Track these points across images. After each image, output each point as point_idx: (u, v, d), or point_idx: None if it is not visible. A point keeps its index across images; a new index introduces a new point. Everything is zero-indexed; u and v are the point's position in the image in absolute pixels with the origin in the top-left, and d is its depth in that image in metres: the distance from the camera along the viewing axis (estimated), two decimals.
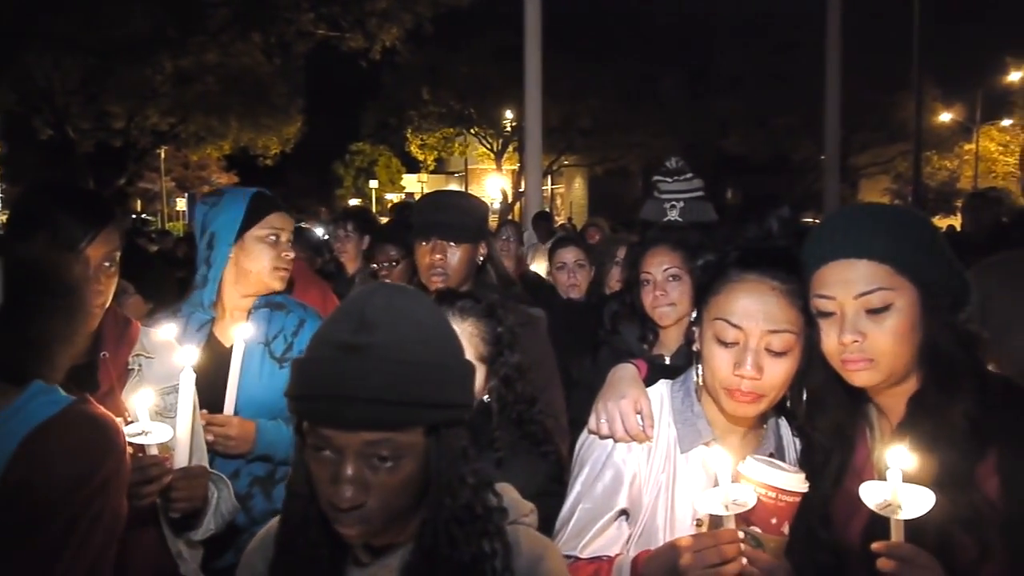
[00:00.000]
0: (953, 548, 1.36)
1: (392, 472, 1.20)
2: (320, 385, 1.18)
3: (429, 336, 1.24)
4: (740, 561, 1.36)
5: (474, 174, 37.86)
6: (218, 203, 2.43)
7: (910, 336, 1.45)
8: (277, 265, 2.43)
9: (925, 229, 1.49)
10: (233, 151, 22.92)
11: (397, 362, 1.18)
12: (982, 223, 6.79)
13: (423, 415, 1.21)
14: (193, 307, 2.44)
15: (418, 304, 1.28)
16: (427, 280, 2.60)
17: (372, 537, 1.27)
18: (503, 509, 1.34)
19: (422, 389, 1.19)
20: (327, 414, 1.18)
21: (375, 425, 1.17)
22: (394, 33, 16.91)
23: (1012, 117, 28.65)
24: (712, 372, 1.57)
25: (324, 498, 1.21)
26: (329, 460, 1.20)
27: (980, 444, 1.41)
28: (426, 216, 2.67)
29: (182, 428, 1.81)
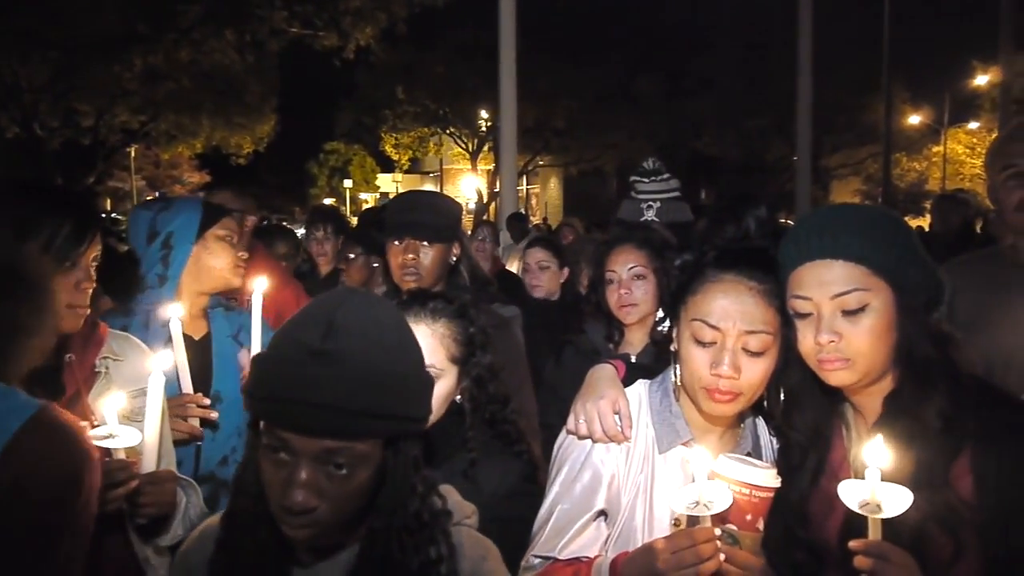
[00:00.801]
0: (928, 546, 1.38)
1: (346, 480, 1.20)
2: (284, 387, 1.17)
3: (394, 347, 1.24)
4: (718, 559, 1.37)
5: (449, 174, 37.80)
6: (169, 207, 2.51)
7: (886, 336, 1.46)
8: (237, 263, 2.55)
9: (900, 230, 1.50)
10: (205, 150, 22.65)
11: (363, 372, 1.17)
12: (950, 224, 6.93)
13: (383, 426, 1.21)
14: (150, 306, 2.45)
15: (385, 314, 1.28)
16: (400, 280, 2.59)
17: (319, 541, 1.26)
18: (448, 512, 1.35)
19: (385, 400, 1.19)
20: (289, 418, 1.17)
21: (334, 433, 1.17)
22: (368, 32, 16.80)
23: (979, 120, 29.16)
24: (690, 372, 1.57)
25: (275, 500, 1.20)
26: (284, 462, 1.19)
27: (954, 443, 1.43)
28: (399, 216, 2.66)
29: (150, 432, 1.78)
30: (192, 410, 2.27)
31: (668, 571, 1.37)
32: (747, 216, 2.82)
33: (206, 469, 2.41)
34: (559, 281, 4.21)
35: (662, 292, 2.62)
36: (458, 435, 1.85)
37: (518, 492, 1.82)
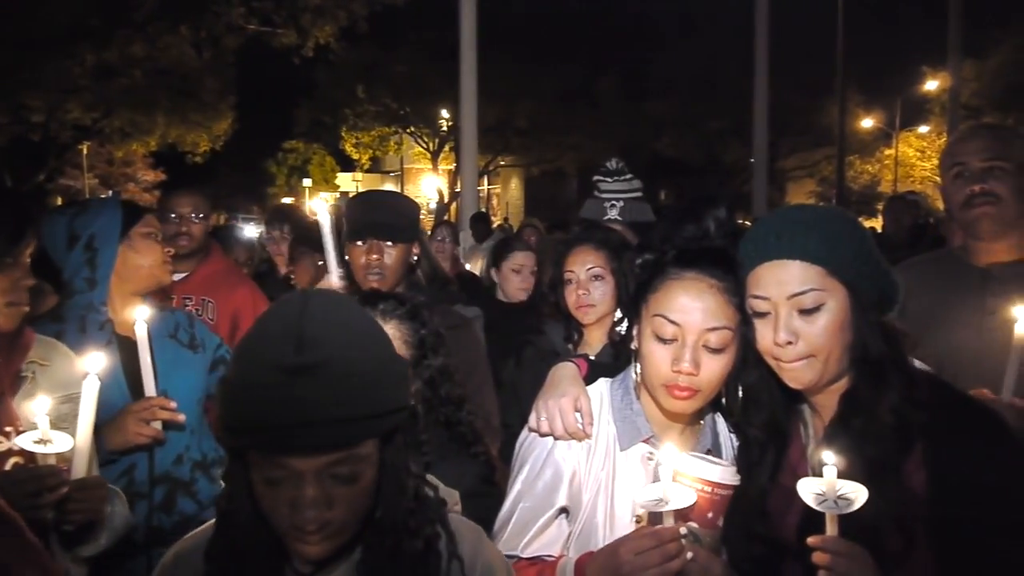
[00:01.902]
0: (882, 540, 1.40)
1: (353, 484, 1.18)
2: (270, 413, 1.11)
3: (366, 341, 1.21)
4: (684, 557, 1.38)
5: (410, 173, 37.61)
6: (85, 209, 2.47)
7: (841, 335, 1.49)
8: (165, 259, 2.54)
9: (855, 231, 1.53)
10: (160, 147, 22.22)
11: (345, 376, 1.14)
12: (902, 224, 7.08)
13: (380, 425, 1.19)
14: (82, 310, 2.40)
15: (351, 312, 1.24)
16: (363, 280, 2.57)
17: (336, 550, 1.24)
18: (443, 499, 1.37)
19: (373, 400, 1.17)
20: (285, 443, 1.12)
21: (335, 446, 1.14)
22: (328, 30, 16.64)
23: (929, 124, 29.90)
24: (650, 369, 1.59)
25: (284, 522, 1.17)
26: (287, 485, 1.15)
27: (907, 439, 1.46)
28: (361, 216, 2.64)
29: (82, 437, 1.74)
30: (158, 413, 2.22)
31: (633, 572, 1.38)
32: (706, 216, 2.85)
33: (161, 470, 2.38)
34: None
35: (620, 293, 2.63)
36: (411, 438, 1.83)
37: (475, 493, 1.81)
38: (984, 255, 2.33)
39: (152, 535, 2.32)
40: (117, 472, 2.30)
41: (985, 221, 2.27)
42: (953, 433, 1.45)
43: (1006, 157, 2.26)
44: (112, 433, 2.22)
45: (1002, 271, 2.27)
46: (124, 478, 2.31)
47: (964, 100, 19.82)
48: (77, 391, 2.08)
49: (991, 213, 2.26)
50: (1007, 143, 2.30)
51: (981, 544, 1.39)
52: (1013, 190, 2.25)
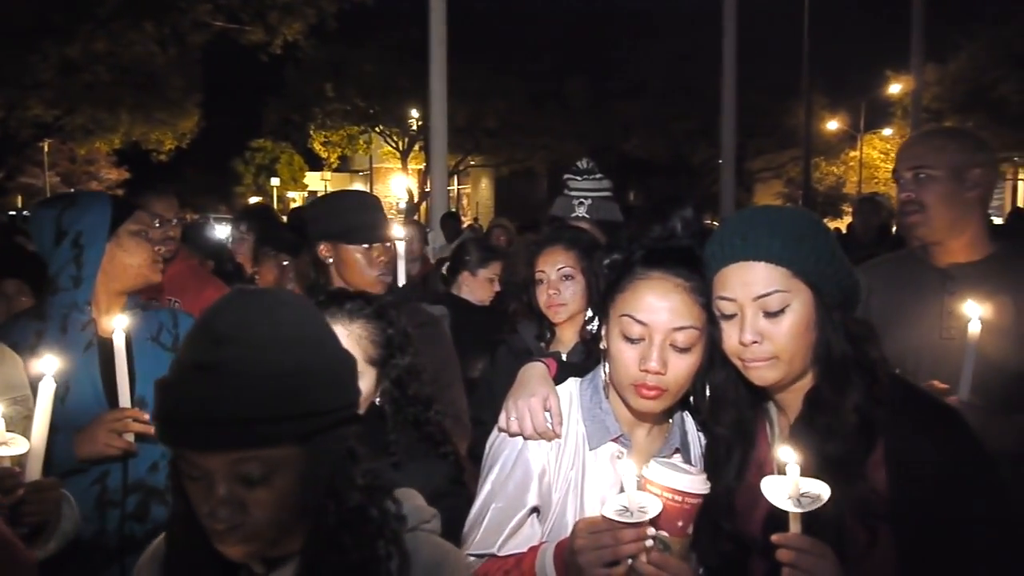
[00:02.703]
0: (845, 537, 1.43)
1: (267, 488, 1.15)
2: (178, 409, 1.13)
3: (293, 341, 1.17)
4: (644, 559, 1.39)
5: (379, 173, 37.45)
6: (74, 203, 2.40)
7: (806, 335, 1.50)
8: (155, 258, 2.47)
9: (820, 232, 1.55)
10: (124, 145, 21.89)
11: (252, 377, 1.11)
12: (871, 224, 7.21)
13: (288, 428, 1.14)
14: (66, 308, 2.35)
15: (278, 308, 1.20)
16: (374, 282, 2.59)
17: (262, 553, 1.22)
18: (401, 516, 1.31)
19: (283, 401, 1.13)
20: (188, 438, 1.13)
21: (235, 445, 1.12)
22: (296, 28, 16.49)
23: (892, 127, 30.42)
24: (618, 368, 1.59)
25: (203, 521, 1.16)
26: (203, 483, 1.15)
27: (869, 437, 1.48)
28: (366, 218, 2.67)
29: (37, 439, 1.71)
30: (131, 425, 2.15)
31: (587, 564, 1.38)
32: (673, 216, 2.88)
33: (135, 477, 2.32)
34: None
35: (591, 292, 2.65)
36: (378, 438, 1.82)
37: (443, 494, 1.80)
38: (943, 255, 2.37)
39: (125, 543, 2.27)
40: (90, 480, 2.25)
41: (914, 229, 2.34)
42: (914, 431, 1.48)
43: (933, 165, 2.30)
44: (83, 442, 2.16)
45: (960, 271, 2.31)
46: (97, 486, 2.26)
47: (926, 103, 20.18)
48: (22, 393, 2.03)
49: (918, 221, 2.32)
50: (938, 150, 2.32)
51: (942, 540, 1.42)
52: (941, 197, 2.28)
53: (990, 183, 2.32)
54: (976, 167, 2.29)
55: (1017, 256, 2.31)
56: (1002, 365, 2.13)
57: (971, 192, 2.29)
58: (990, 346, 2.08)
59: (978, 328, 2.04)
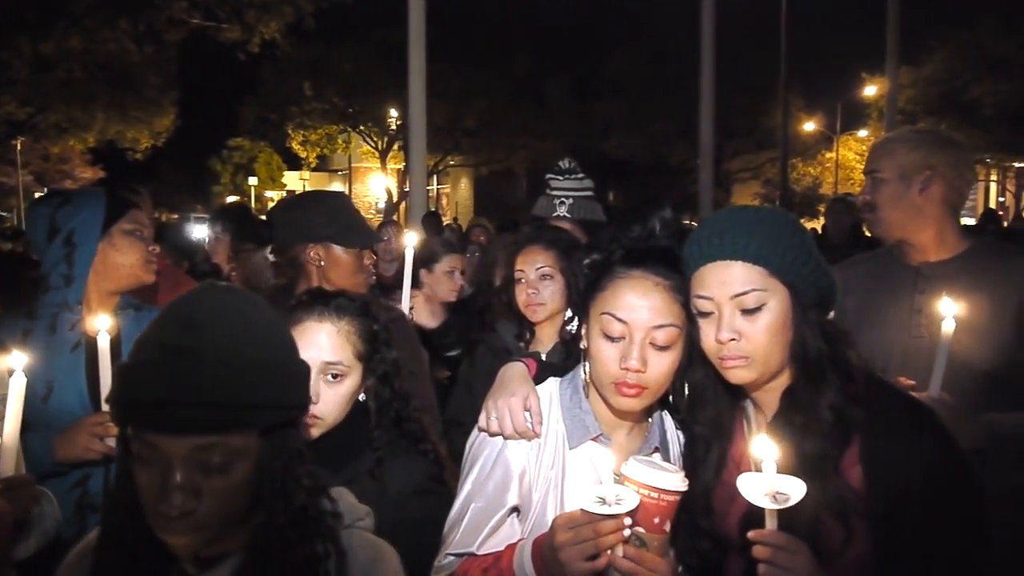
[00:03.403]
0: (821, 533, 1.44)
1: (224, 476, 1.16)
2: (146, 390, 1.13)
3: (262, 336, 1.21)
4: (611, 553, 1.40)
5: (358, 172, 37.30)
6: (70, 200, 2.36)
7: (782, 334, 1.52)
8: (148, 258, 2.42)
9: (796, 232, 1.57)
10: (99, 144, 21.58)
11: (227, 363, 1.14)
12: (843, 225, 7.30)
13: (256, 417, 1.18)
14: (56, 308, 2.32)
15: (250, 305, 1.25)
16: (362, 284, 2.62)
17: (203, 547, 1.21)
18: (338, 514, 1.34)
19: (254, 390, 1.16)
20: (154, 420, 1.13)
21: (205, 429, 1.13)
22: (274, 26, 16.34)
23: (867, 128, 30.77)
24: (599, 367, 1.60)
25: (151, 508, 1.15)
26: (157, 468, 1.14)
27: (844, 434, 1.50)
28: (360, 220, 2.74)
29: (8, 435, 1.69)
30: (111, 429, 2.08)
31: (568, 559, 1.39)
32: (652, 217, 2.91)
33: None
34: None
35: (570, 292, 2.66)
36: (363, 434, 1.83)
37: (425, 491, 1.81)
38: (915, 254, 2.40)
39: None
40: (70, 483, 2.20)
41: (871, 229, 2.45)
42: (889, 429, 1.50)
43: (882, 168, 2.38)
44: (64, 444, 2.12)
45: (931, 270, 2.34)
46: (77, 489, 2.22)
47: (901, 105, 20.44)
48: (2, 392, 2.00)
49: (871, 221, 2.43)
50: (887, 154, 2.39)
51: (915, 536, 1.44)
52: (889, 199, 2.35)
53: (951, 183, 2.32)
54: (927, 169, 2.31)
55: (988, 254, 2.34)
56: (969, 362, 2.16)
57: (922, 193, 2.32)
58: (957, 344, 2.10)
59: (952, 326, 2.06)
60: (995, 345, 2.19)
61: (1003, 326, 2.19)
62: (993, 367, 2.18)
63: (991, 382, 2.18)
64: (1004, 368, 2.18)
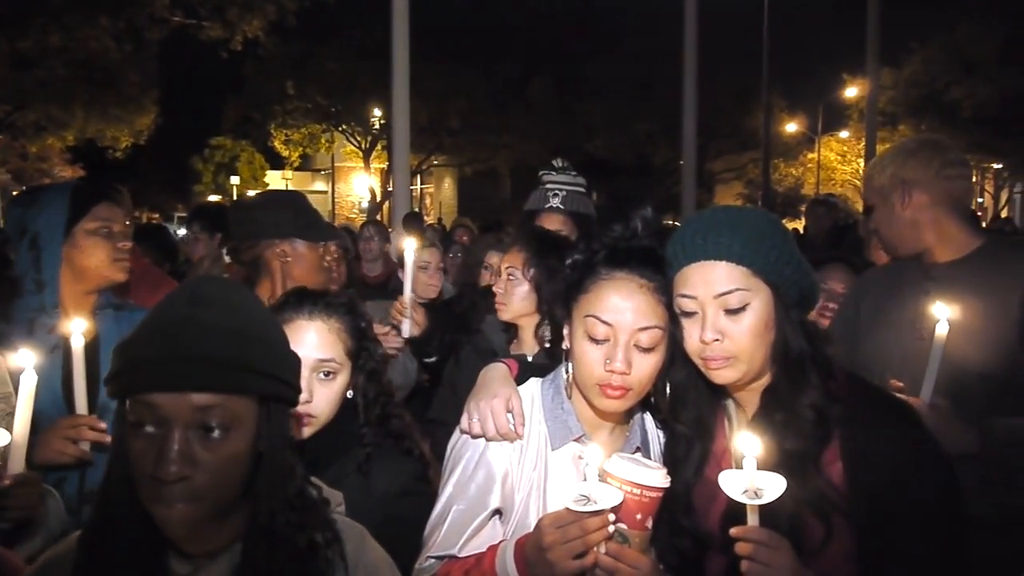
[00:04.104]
0: (802, 530, 1.46)
1: (221, 444, 1.17)
2: (148, 351, 1.16)
3: (259, 316, 1.29)
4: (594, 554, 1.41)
5: (341, 172, 37.14)
6: (36, 201, 2.31)
7: (765, 334, 1.53)
8: (116, 256, 2.34)
9: (779, 232, 1.58)
10: (78, 142, 21.37)
11: (230, 329, 1.19)
12: (822, 226, 7.39)
13: (254, 381, 1.21)
14: (32, 312, 2.28)
15: (247, 291, 1.35)
16: (326, 281, 2.63)
17: (195, 525, 1.19)
18: (327, 500, 1.37)
19: (255, 356, 1.20)
20: (159, 377, 1.15)
21: (205, 385, 1.15)
22: (256, 24, 16.25)
23: (848, 129, 31.03)
24: (583, 369, 1.60)
25: (147, 476, 1.15)
26: (154, 436, 1.16)
27: (825, 432, 1.51)
28: (319, 217, 2.75)
29: (19, 432, 1.68)
30: (85, 433, 2.06)
31: (556, 559, 1.40)
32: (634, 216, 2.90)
33: (92, 485, 2.21)
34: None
35: (540, 296, 2.59)
36: (351, 432, 1.83)
37: (410, 491, 1.81)
38: (929, 256, 2.36)
39: None
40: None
41: (891, 254, 2.51)
42: (868, 426, 1.51)
43: (868, 197, 2.47)
44: (38, 447, 2.06)
45: (940, 272, 2.31)
46: None
47: (881, 107, 20.62)
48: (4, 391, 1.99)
49: (877, 246, 2.58)
50: (867, 181, 2.48)
51: (895, 531, 1.46)
52: (880, 222, 2.41)
53: (932, 186, 2.31)
54: (900, 183, 2.31)
55: (996, 254, 2.29)
56: (970, 365, 2.14)
57: (906, 207, 2.32)
58: (959, 346, 2.09)
59: (945, 330, 2.05)
60: (997, 347, 2.15)
61: (1006, 328, 2.15)
62: (995, 369, 2.15)
63: (994, 385, 2.15)
64: (1007, 371, 2.14)
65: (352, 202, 37.03)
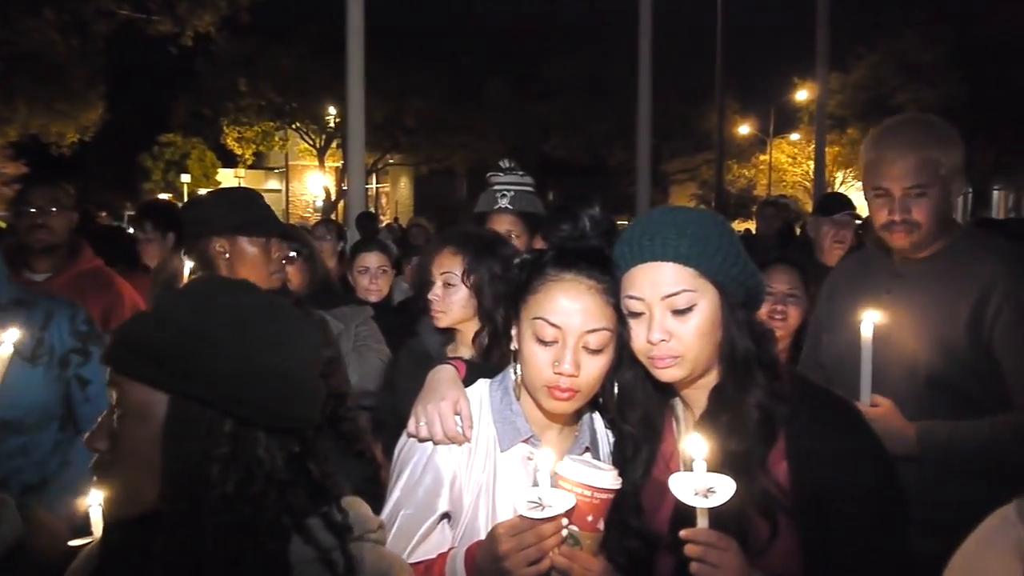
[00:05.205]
0: (749, 529, 1.47)
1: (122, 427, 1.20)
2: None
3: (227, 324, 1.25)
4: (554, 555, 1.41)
5: (295, 170, 36.68)
6: None
7: (712, 334, 1.54)
8: None
9: (725, 233, 1.58)
10: (21, 138, 20.72)
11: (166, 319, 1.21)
12: (772, 227, 7.54)
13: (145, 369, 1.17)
14: None
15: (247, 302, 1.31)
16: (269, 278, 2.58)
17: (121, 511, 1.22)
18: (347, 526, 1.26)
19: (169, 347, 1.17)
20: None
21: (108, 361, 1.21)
22: (207, 20, 15.92)
23: (799, 132, 31.63)
24: (531, 370, 1.59)
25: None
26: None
27: (771, 432, 1.53)
28: (262, 211, 2.70)
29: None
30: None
31: (509, 555, 1.39)
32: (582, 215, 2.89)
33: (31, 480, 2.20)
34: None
35: (480, 301, 2.51)
36: None
37: (360, 493, 1.78)
38: (899, 251, 2.34)
39: None
40: None
41: (901, 244, 2.27)
42: (812, 425, 1.53)
43: (928, 183, 2.20)
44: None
45: (906, 270, 2.31)
46: None
47: (830, 110, 21.04)
48: None
49: (909, 240, 2.25)
50: (933, 164, 2.20)
51: (838, 529, 1.48)
52: (932, 212, 2.21)
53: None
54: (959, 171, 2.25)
55: (966, 253, 2.26)
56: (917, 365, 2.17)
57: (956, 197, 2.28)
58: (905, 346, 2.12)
59: (870, 333, 2.08)
60: (947, 349, 2.17)
61: (957, 328, 2.16)
62: (941, 371, 2.17)
63: (942, 386, 2.17)
64: (954, 372, 2.17)
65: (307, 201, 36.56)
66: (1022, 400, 2.12)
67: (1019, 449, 2.08)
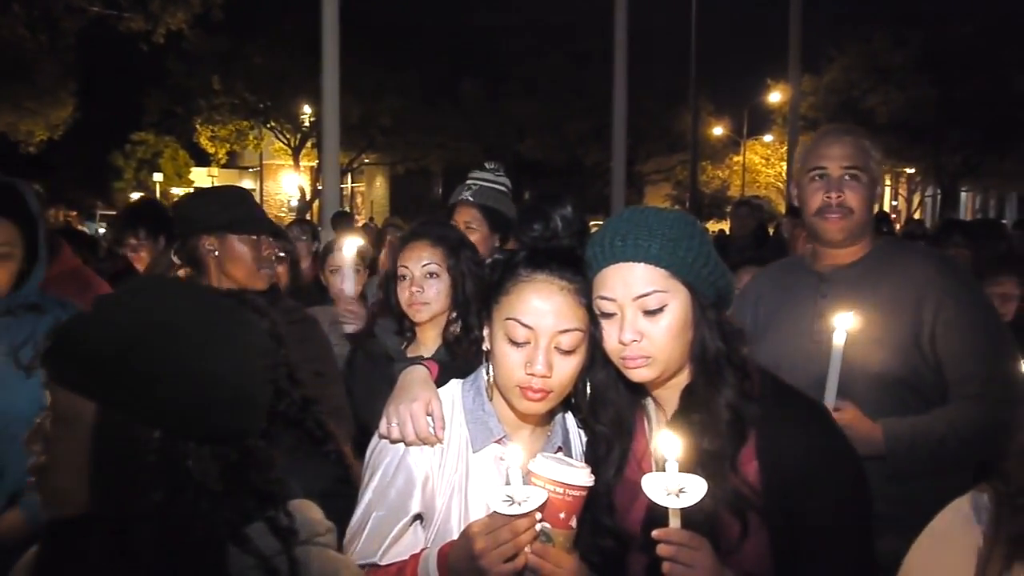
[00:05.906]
0: (720, 528, 1.48)
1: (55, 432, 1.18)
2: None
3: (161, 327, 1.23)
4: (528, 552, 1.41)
5: (269, 170, 36.39)
6: None
7: (683, 334, 1.55)
8: None
9: (696, 234, 1.59)
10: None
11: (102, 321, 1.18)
12: (746, 227, 7.61)
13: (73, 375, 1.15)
14: None
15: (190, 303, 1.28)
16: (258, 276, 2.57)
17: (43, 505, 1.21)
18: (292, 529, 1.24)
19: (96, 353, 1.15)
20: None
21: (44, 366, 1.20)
22: (180, 17, 15.75)
23: (772, 133, 31.97)
24: (503, 371, 1.59)
25: None
26: None
27: (741, 431, 1.54)
28: (253, 210, 2.68)
29: None
30: None
31: (484, 554, 1.39)
32: (553, 215, 2.91)
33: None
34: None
35: (456, 292, 2.56)
36: None
37: (331, 494, 1.76)
38: (826, 259, 2.40)
39: None
40: None
41: (834, 232, 2.32)
42: (782, 425, 1.55)
43: (863, 167, 2.29)
44: None
45: (835, 274, 2.36)
46: None
47: (803, 112, 21.28)
48: None
49: (842, 226, 2.30)
50: (867, 153, 2.32)
51: (807, 528, 1.49)
52: (864, 202, 2.29)
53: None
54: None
55: (889, 254, 2.35)
56: (869, 366, 2.20)
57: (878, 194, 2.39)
58: (857, 348, 2.14)
59: (843, 338, 2.10)
60: (892, 349, 2.21)
61: (899, 328, 2.22)
62: (892, 370, 2.21)
63: (893, 385, 2.22)
64: (904, 370, 2.21)
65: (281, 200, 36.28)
66: (972, 389, 2.18)
67: (977, 437, 2.14)
